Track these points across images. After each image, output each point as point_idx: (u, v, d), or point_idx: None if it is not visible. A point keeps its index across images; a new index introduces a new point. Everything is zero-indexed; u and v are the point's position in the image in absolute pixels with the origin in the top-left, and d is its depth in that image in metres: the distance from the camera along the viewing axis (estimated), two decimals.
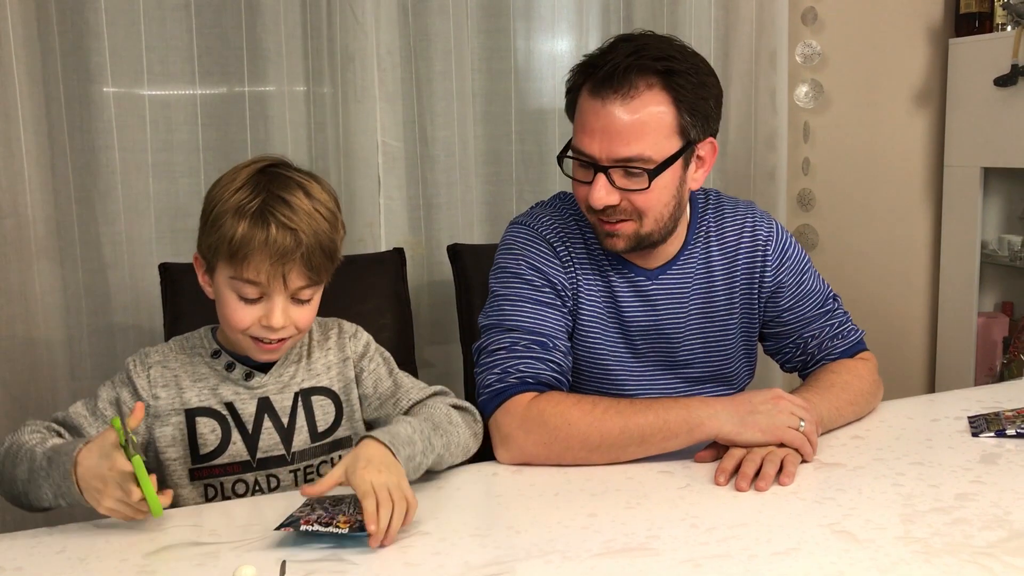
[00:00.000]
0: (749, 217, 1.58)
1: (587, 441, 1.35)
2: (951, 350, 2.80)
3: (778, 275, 1.57)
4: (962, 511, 1.17)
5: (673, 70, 1.36)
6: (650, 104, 1.36)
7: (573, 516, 1.19)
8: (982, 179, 2.66)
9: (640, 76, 1.35)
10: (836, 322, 1.61)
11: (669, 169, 1.39)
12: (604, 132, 1.36)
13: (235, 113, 2.07)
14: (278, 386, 1.39)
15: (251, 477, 1.37)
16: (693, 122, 1.39)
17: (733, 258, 1.56)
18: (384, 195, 2.16)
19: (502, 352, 1.44)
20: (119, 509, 1.14)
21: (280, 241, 1.26)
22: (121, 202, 1.99)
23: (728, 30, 2.44)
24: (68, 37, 1.93)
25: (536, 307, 1.47)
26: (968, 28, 2.67)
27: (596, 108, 1.37)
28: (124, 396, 1.35)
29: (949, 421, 1.52)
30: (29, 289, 1.93)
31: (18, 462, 1.22)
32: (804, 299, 1.60)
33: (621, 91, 1.35)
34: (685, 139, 1.40)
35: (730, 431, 1.34)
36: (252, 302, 1.29)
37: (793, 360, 1.64)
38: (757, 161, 2.49)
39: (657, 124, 1.36)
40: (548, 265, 1.49)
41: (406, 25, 2.17)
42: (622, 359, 1.54)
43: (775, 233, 1.58)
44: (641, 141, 1.36)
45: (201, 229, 1.33)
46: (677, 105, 1.37)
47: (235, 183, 1.30)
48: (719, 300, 1.56)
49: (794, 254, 1.59)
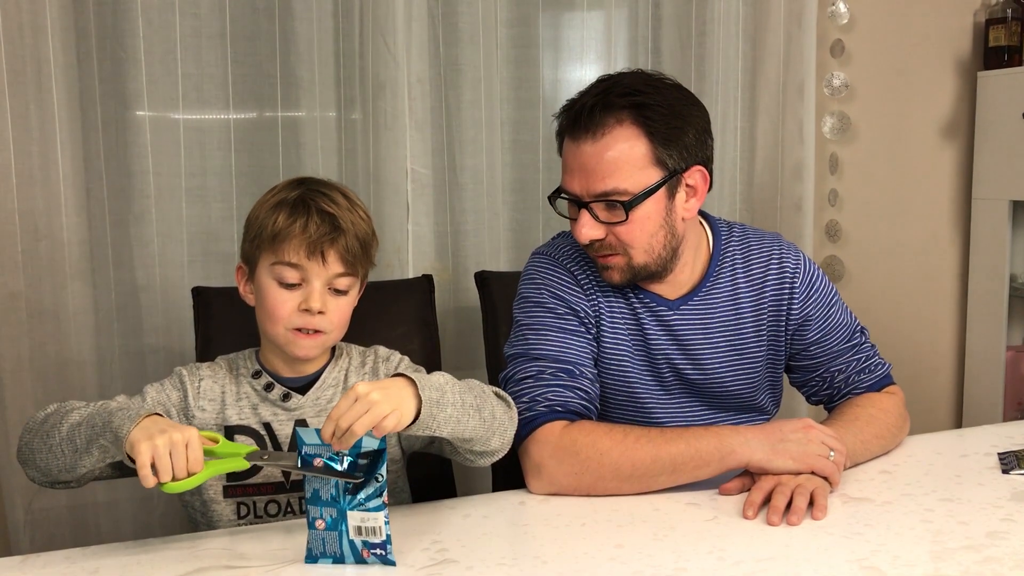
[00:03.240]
0: (776, 248, 1.59)
1: (619, 471, 1.35)
2: (979, 384, 2.77)
3: (805, 307, 1.57)
4: (993, 549, 1.16)
5: (643, 104, 1.40)
6: (620, 140, 1.40)
7: (600, 547, 1.19)
8: (1011, 212, 2.65)
9: (608, 113, 1.40)
10: (863, 356, 1.61)
11: (650, 200, 1.42)
12: (581, 170, 1.42)
13: (268, 139, 2.10)
14: (315, 409, 1.41)
15: (284, 499, 1.39)
16: (670, 152, 1.42)
17: (760, 289, 1.56)
18: (412, 221, 2.18)
19: (529, 381, 1.44)
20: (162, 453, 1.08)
21: (319, 223, 1.34)
22: (155, 225, 2.02)
23: (755, 62, 2.45)
24: (107, 64, 1.96)
25: (561, 335, 1.48)
26: (997, 61, 2.67)
27: (572, 149, 1.43)
28: (174, 398, 1.38)
29: (978, 457, 1.51)
30: (62, 310, 1.96)
31: (69, 412, 1.23)
32: (831, 332, 1.59)
33: (591, 130, 1.40)
34: (664, 169, 1.42)
35: (761, 459, 1.34)
36: (292, 287, 1.35)
37: (819, 393, 1.64)
38: (784, 192, 2.49)
39: (629, 157, 1.40)
40: (570, 293, 1.51)
41: (436, 55, 2.20)
42: (649, 387, 1.55)
43: (803, 265, 1.58)
44: (614, 175, 1.40)
45: (244, 236, 1.41)
46: (650, 137, 1.40)
47: (274, 190, 1.40)
48: (747, 331, 1.56)
49: (821, 287, 1.59)
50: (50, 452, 1.21)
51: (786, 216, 2.50)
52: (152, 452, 1.08)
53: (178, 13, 1.99)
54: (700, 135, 1.46)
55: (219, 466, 1.15)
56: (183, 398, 1.39)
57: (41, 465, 1.23)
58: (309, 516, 1.15)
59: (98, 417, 1.17)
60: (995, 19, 2.66)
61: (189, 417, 1.38)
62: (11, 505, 1.95)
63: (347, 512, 1.13)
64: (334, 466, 1.13)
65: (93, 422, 1.17)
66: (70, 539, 1.98)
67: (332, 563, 1.15)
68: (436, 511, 1.33)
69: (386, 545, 1.13)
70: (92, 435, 1.17)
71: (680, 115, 1.43)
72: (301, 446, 1.14)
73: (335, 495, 1.13)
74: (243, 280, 1.42)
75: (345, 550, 1.14)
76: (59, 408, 1.27)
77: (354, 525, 1.13)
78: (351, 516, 1.13)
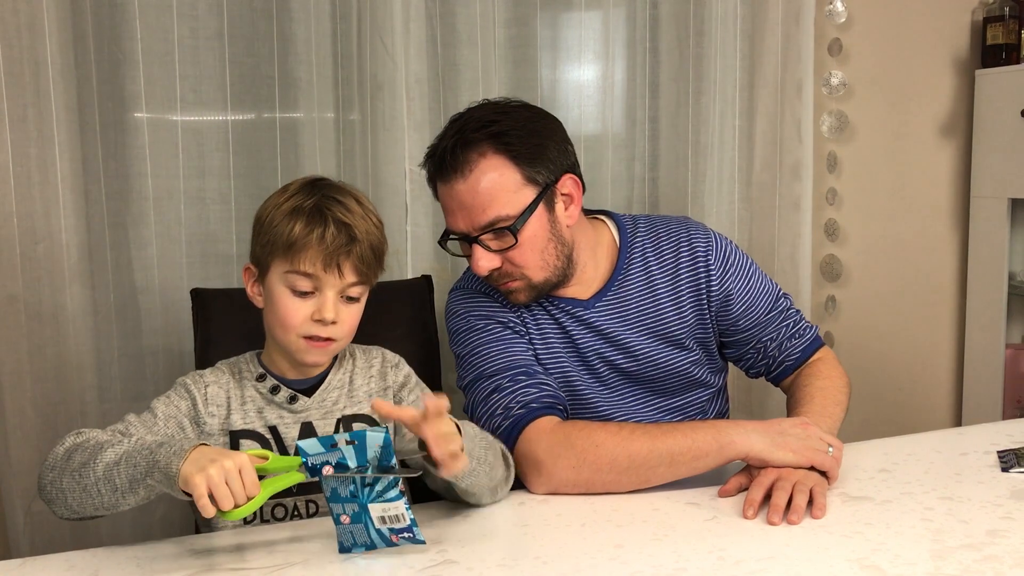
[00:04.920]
0: (684, 231, 1.63)
1: (616, 463, 1.36)
2: (978, 383, 2.77)
3: (724, 283, 1.61)
4: (993, 548, 1.16)
5: (499, 132, 1.45)
6: (488, 171, 1.45)
7: (600, 547, 1.19)
8: (1010, 210, 2.65)
9: (470, 149, 1.45)
10: (791, 321, 1.66)
11: (533, 218, 1.47)
12: (461, 208, 1.47)
13: (266, 140, 2.10)
14: (321, 411, 1.41)
15: (290, 502, 1.39)
16: (537, 169, 1.47)
17: (675, 272, 1.60)
18: (411, 222, 2.18)
19: (494, 395, 1.47)
20: (218, 482, 1.07)
21: (337, 235, 1.33)
22: (153, 227, 2.01)
23: (753, 62, 2.45)
24: (104, 66, 1.96)
25: (502, 345, 1.53)
26: (995, 59, 2.67)
27: (447, 191, 1.49)
28: (183, 408, 1.37)
29: (978, 455, 1.51)
30: (61, 312, 1.95)
31: (100, 449, 1.18)
32: (755, 302, 1.64)
33: (458, 169, 1.45)
34: (537, 186, 1.47)
35: (761, 449, 1.35)
36: (304, 296, 1.34)
37: (756, 365, 1.68)
38: (783, 191, 2.49)
39: (501, 184, 1.45)
40: (493, 310, 1.57)
41: (435, 55, 2.19)
42: (590, 385, 1.59)
43: (713, 243, 1.62)
44: (493, 205, 1.45)
45: (254, 239, 1.39)
46: (515, 160, 1.46)
47: (287, 192, 1.38)
48: (667, 314, 1.60)
49: (736, 260, 1.63)
50: (85, 492, 1.17)
51: (784, 215, 2.50)
52: (207, 483, 1.07)
53: (176, 15, 1.99)
54: (560, 145, 1.52)
55: (276, 483, 1.15)
56: (192, 407, 1.37)
57: (73, 505, 1.19)
58: (333, 513, 1.17)
59: (138, 456, 1.14)
60: (993, 17, 2.66)
61: (200, 424, 1.37)
62: (11, 508, 1.94)
63: (368, 505, 1.14)
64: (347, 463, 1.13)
65: (134, 461, 1.14)
66: (70, 542, 1.97)
67: (365, 551, 1.17)
68: (436, 512, 1.33)
69: (412, 528, 1.16)
70: (135, 475, 1.13)
71: (537, 132, 1.49)
72: (306, 458, 1.14)
73: (354, 491, 1.14)
74: (251, 281, 1.41)
75: (374, 538, 1.17)
76: (80, 443, 1.22)
77: (377, 516, 1.15)
78: (372, 508, 1.15)
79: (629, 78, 2.37)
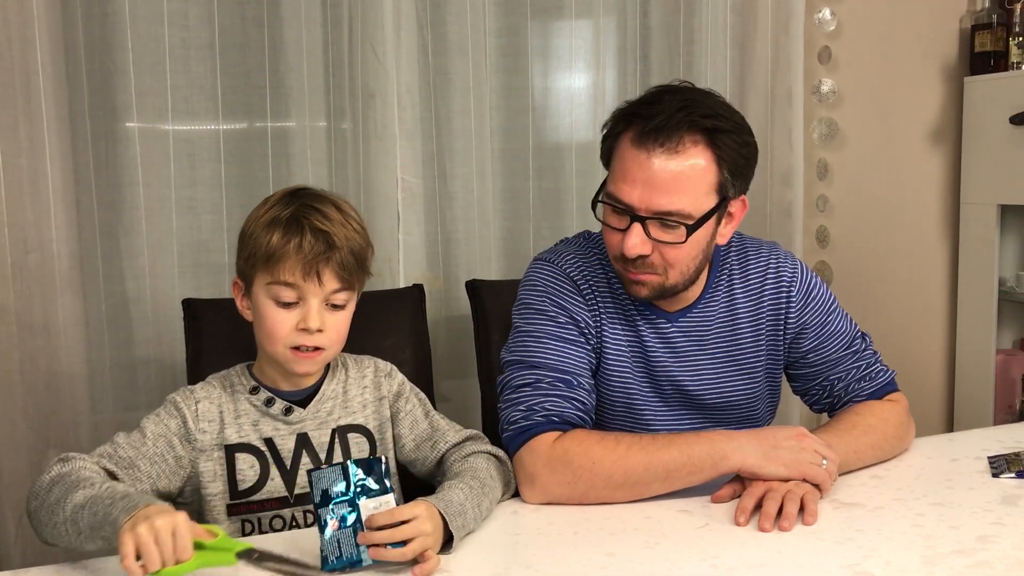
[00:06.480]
0: (773, 258, 1.58)
1: (611, 479, 1.35)
2: (969, 388, 2.78)
3: (802, 316, 1.57)
4: (984, 553, 1.16)
5: (719, 128, 1.38)
6: (694, 160, 1.37)
7: (592, 555, 1.19)
8: (999, 216, 2.66)
9: (688, 132, 1.37)
10: (863, 363, 1.60)
11: (704, 225, 1.41)
12: (646, 183, 1.37)
13: (257, 149, 2.10)
14: (316, 422, 1.41)
15: (288, 513, 1.39)
16: (732, 180, 1.41)
17: (758, 299, 1.56)
18: (403, 231, 2.18)
19: (527, 389, 1.44)
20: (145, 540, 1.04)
21: (315, 243, 1.32)
22: (144, 237, 2.01)
23: (744, 69, 2.46)
24: (96, 76, 1.96)
25: (559, 344, 1.47)
26: (983, 66, 2.68)
27: (640, 159, 1.38)
28: (173, 427, 1.35)
29: (969, 461, 1.51)
30: (52, 323, 1.95)
31: (74, 487, 1.17)
32: (829, 340, 1.59)
33: (668, 145, 1.36)
34: (721, 196, 1.42)
35: (754, 463, 1.34)
36: (289, 307, 1.34)
37: (820, 402, 1.63)
38: (774, 198, 2.50)
39: (699, 181, 1.38)
40: (572, 303, 1.50)
41: (426, 64, 2.20)
42: (649, 400, 1.55)
43: (799, 273, 1.58)
44: (683, 196, 1.37)
45: (238, 253, 1.39)
46: (719, 163, 1.39)
47: (268, 204, 1.38)
48: (744, 342, 1.56)
49: (819, 295, 1.59)
50: (55, 529, 1.17)
51: (776, 222, 2.51)
52: (135, 541, 1.04)
53: (167, 24, 1.99)
54: (753, 166, 1.47)
55: (207, 558, 1.10)
56: (182, 424, 1.36)
57: (47, 538, 1.20)
58: (321, 520, 1.15)
59: (99, 504, 1.12)
60: (981, 24, 2.68)
61: (192, 441, 1.36)
62: (2, 519, 1.94)
63: (358, 503, 1.14)
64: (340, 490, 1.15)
65: (95, 509, 1.12)
66: (61, 553, 1.96)
67: (348, 566, 1.14)
68: None
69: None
70: (95, 523, 1.12)
71: (748, 145, 1.43)
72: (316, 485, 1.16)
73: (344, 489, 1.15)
74: (240, 295, 1.41)
75: (361, 550, 1.14)
76: (64, 473, 1.21)
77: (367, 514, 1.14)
78: (363, 506, 1.14)
79: (620, 86, 2.38)
